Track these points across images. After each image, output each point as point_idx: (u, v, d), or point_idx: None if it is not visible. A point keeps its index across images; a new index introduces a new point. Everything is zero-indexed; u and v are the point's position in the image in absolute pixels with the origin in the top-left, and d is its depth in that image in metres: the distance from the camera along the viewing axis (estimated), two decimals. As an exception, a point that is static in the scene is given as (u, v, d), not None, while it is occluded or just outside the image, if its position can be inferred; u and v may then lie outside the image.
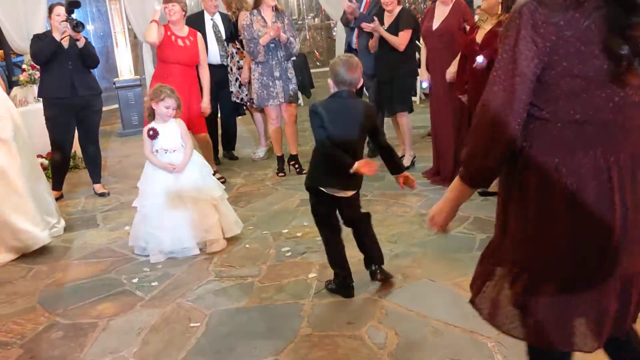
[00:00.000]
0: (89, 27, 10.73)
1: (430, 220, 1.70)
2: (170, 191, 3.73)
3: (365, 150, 5.26)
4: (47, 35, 4.93)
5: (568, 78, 1.34)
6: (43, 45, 4.82)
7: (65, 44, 4.85)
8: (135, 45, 9.79)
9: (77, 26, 4.81)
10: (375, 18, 5.08)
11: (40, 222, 4.05)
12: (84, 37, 4.96)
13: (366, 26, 5.11)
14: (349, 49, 5.80)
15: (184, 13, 5.15)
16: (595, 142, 1.36)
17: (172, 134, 3.78)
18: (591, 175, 1.36)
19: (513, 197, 1.50)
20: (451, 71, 4.53)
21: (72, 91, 4.95)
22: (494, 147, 1.43)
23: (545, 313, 1.46)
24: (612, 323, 1.46)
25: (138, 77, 8.66)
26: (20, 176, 3.98)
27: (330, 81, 2.98)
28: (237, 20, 5.83)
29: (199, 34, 5.31)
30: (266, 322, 2.91)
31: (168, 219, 3.72)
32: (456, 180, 1.59)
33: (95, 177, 5.40)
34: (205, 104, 5.30)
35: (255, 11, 5.27)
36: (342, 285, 3.09)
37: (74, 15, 4.93)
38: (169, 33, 5.10)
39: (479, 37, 4.09)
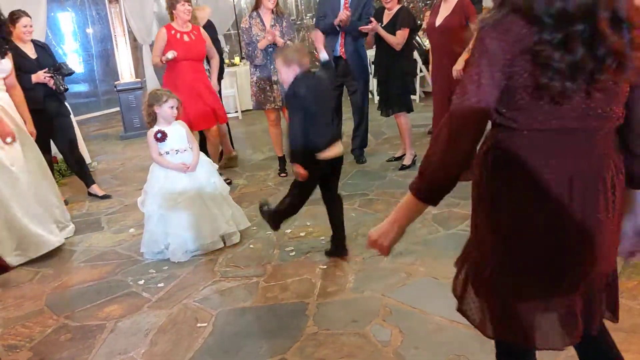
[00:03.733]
0: (89, 30, 10.76)
1: (372, 244, 1.58)
2: (188, 190, 3.78)
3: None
4: (15, 52, 4.62)
5: (525, 89, 1.34)
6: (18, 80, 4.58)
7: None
8: (136, 47, 9.81)
9: (59, 88, 4.87)
10: (373, 19, 5.09)
11: (49, 225, 4.10)
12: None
13: (365, 28, 5.13)
14: (333, 57, 5.41)
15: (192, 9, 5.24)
16: (560, 150, 1.37)
17: (179, 134, 3.83)
18: (559, 182, 1.37)
19: (484, 205, 1.49)
20: (457, 68, 4.56)
21: (45, 100, 4.90)
22: (452, 157, 1.41)
23: (511, 311, 1.48)
24: (581, 322, 1.48)
25: (139, 79, 8.69)
26: (27, 177, 4.03)
27: (292, 65, 3.28)
28: None
29: (201, 28, 5.36)
30: (272, 321, 2.95)
31: (189, 218, 3.77)
32: (407, 196, 1.50)
33: (89, 180, 5.46)
34: (214, 81, 5.56)
35: (254, 14, 5.29)
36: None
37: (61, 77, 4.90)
38: (172, 32, 5.12)
39: None
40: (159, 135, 3.76)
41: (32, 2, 7.90)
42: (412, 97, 5.79)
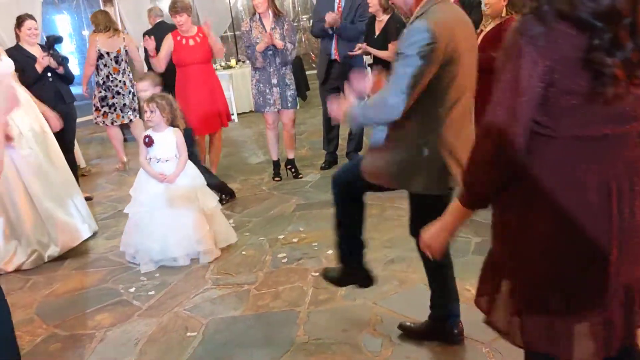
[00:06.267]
0: (84, 32, 10.74)
1: (426, 247, 1.69)
2: (160, 200, 3.75)
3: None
4: (21, 53, 4.83)
5: (568, 95, 1.33)
6: (26, 78, 4.73)
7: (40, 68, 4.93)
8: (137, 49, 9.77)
9: (63, 60, 5.02)
10: (362, 45, 5.08)
11: (79, 216, 4.22)
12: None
13: (352, 54, 5.15)
14: (328, 60, 5.50)
15: (190, 17, 5.17)
16: (595, 156, 1.37)
17: (167, 143, 3.79)
18: (593, 189, 1.37)
19: (514, 212, 1.48)
20: None
21: (58, 100, 5.03)
22: (497, 166, 1.43)
23: (546, 324, 1.46)
24: (620, 332, 1.46)
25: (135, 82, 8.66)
26: (55, 172, 4.16)
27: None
28: None
29: (204, 28, 5.29)
30: (263, 330, 2.92)
31: (157, 228, 3.74)
32: (454, 203, 1.58)
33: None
34: None
35: (255, 17, 5.26)
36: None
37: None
38: (178, 38, 5.13)
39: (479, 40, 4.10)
40: (146, 140, 3.76)
41: (27, 4, 7.90)
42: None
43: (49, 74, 5.00)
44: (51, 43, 5.01)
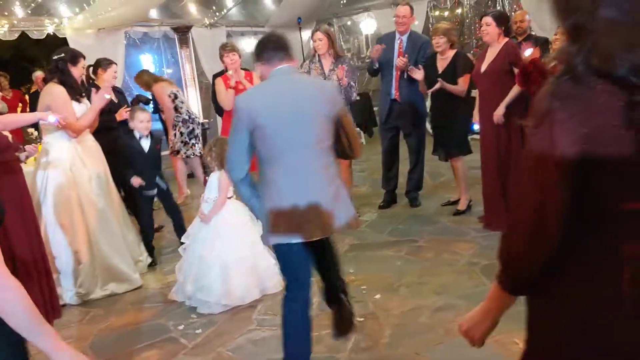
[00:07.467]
0: (165, 70, 11.29)
1: (464, 333, 1.50)
2: (194, 238, 3.96)
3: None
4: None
5: (607, 166, 1.18)
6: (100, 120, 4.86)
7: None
8: (209, 88, 10.16)
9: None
10: (440, 80, 5.03)
11: (132, 264, 4.43)
12: None
13: (436, 88, 5.07)
14: (389, 100, 5.51)
15: (240, 59, 5.35)
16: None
17: (212, 184, 3.94)
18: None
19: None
20: (499, 114, 4.42)
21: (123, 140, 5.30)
22: (538, 245, 1.24)
23: None
24: None
25: (206, 120, 8.99)
26: (112, 214, 4.39)
27: None
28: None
29: (254, 73, 5.44)
30: (301, 376, 2.89)
31: (184, 263, 3.96)
32: (494, 288, 1.40)
33: None
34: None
35: (315, 58, 5.35)
36: None
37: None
38: (228, 81, 5.30)
39: None
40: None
41: (111, 47, 8.44)
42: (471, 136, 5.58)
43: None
44: (137, 102, 5.38)
